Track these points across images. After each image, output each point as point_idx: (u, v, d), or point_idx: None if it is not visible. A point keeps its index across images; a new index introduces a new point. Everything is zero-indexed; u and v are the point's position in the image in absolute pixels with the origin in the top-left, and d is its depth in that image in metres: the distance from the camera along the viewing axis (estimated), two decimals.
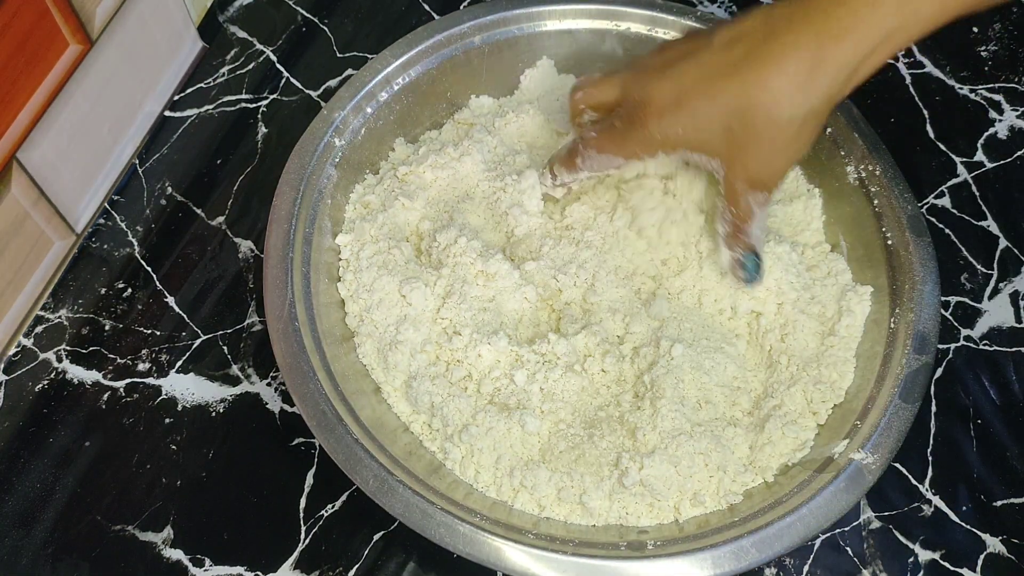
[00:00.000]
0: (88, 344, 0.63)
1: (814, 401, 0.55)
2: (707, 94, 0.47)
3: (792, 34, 0.45)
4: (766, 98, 0.46)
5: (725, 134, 0.48)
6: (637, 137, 0.51)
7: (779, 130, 0.47)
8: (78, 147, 0.63)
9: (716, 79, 0.47)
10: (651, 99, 0.49)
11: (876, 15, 0.44)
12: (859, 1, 0.44)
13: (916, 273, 0.56)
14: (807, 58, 0.45)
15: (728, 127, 0.48)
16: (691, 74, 0.48)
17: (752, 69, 0.46)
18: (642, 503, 0.52)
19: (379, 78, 0.63)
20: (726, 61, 0.47)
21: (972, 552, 0.57)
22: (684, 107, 0.48)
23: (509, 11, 0.65)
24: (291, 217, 0.58)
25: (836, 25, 0.44)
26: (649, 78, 0.50)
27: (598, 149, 0.54)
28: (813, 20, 0.45)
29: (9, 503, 0.57)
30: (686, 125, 0.49)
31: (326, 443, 0.51)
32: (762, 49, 0.46)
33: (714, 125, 0.48)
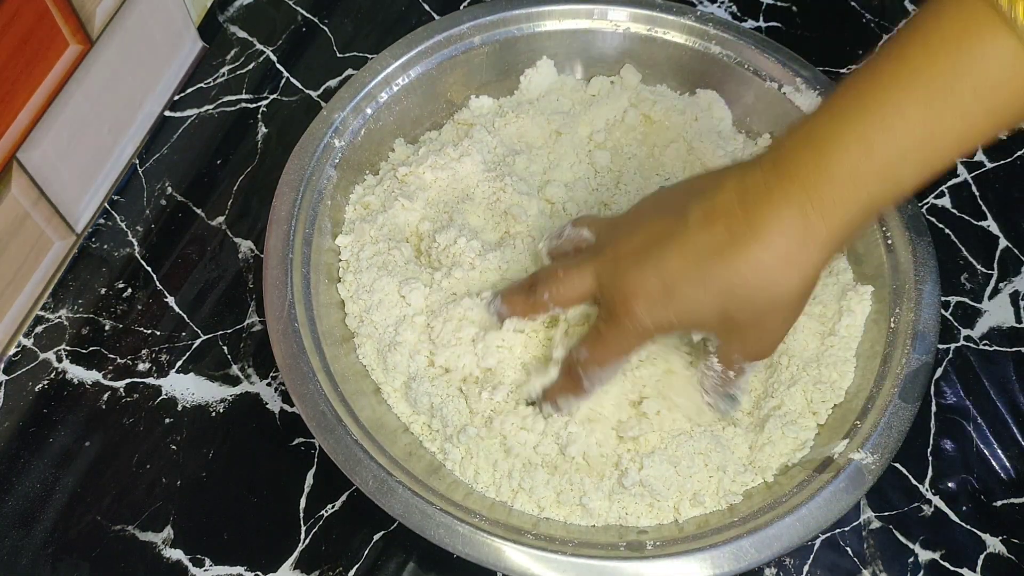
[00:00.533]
0: (88, 344, 0.63)
1: (814, 401, 0.55)
2: (697, 281, 0.44)
3: (774, 209, 0.42)
4: (760, 279, 0.43)
5: (720, 316, 0.45)
6: (629, 333, 0.47)
7: (776, 307, 0.45)
8: (78, 147, 0.63)
9: (703, 264, 0.44)
10: (635, 293, 0.46)
11: (859, 189, 0.42)
12: (841, 177, 0.41)
13: (916, 273, 0.56)
14: (795, 235, 0.42)
15: (723, 310, 0.45)
16: (673, 261, 0.45)
17: (740, 250, 0.43)
18: (642, 503, 0.52)
19: (379, 79, 0.63)
20: (709, 244, 0.44)
21: (972, 552, 0.57)
22: (674, 297, 0.45)
23: (509, 11, 0.65)
24: (291, 218, 0.58)
25: (820, 202, 0.42)
26: (626, 269, 0.46)
27: (600, 364, 0.50)
28: (792, 195, 0.42)
29: (9, 503, 0.57)
30: (679, 313, 0.45)
31: (326, 444, 0.51)
32: (745, 227, 0.43)
33: (708, 309, 0.45)
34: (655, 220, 0.47)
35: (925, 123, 0.40)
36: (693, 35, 0.66)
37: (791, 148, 0.43)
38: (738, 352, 0.49)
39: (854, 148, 0.41)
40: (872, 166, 0.41)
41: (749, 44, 0.65)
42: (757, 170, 0.44)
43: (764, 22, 0.78)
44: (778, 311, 0.45)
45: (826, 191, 0.41)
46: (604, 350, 0.49)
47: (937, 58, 0.40)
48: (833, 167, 0.41)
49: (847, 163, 0.41)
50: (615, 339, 0.48)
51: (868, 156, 0.41)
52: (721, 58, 0.66)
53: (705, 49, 0.66)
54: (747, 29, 0.66)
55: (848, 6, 0.80)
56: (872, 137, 0.41)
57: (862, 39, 0.78)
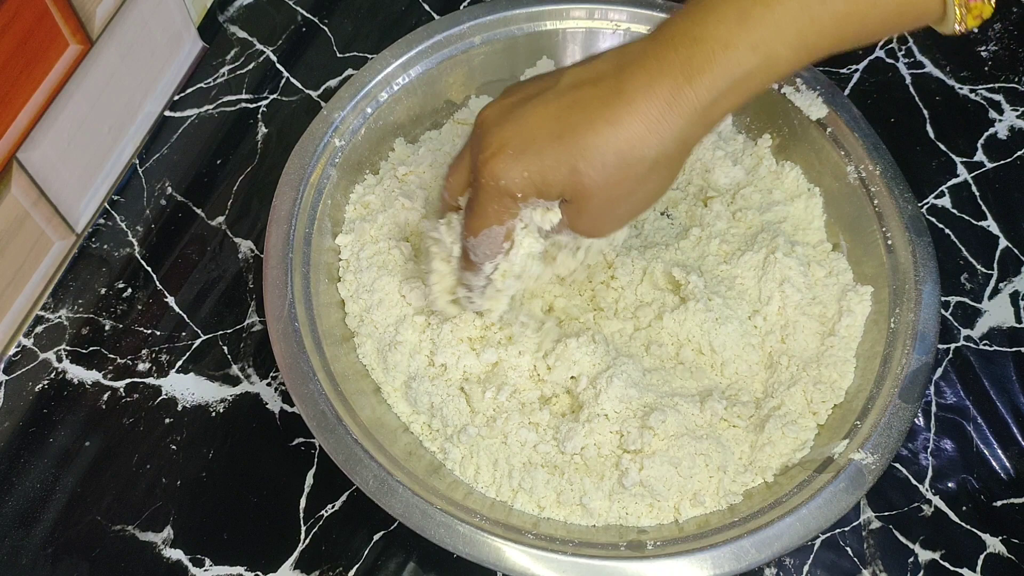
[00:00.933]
0: (88, 344, 0.63)
1: (814, 401, 0.55)
2: (553, 133, 0.43)
3: (645, 73, 0.42)
4: (617, 137, 0.42)
5: (570, 173, 0.44)
6: (490, 195, 0.45)
7: (628, 173, 0.44)
8: (78, 147, 0.63)
9: (563, 118, 0.43)
10: (492, 150, 0.44)
11: (731, 56, 0.41)
12: (713, 41, 0.41)
13: (916, 273, 0.56)
14: (660, 98, 0.42)
15: (574, 166, 0.43)
16: (536, 114, 0.44)
17: (603, 107, 0.43)
18: (642, 503, 0.52)
19: (379, 78, 0.63)
20: (574, 100, 0.43)
21: (972, 552, 0.57)
22: (528, 148, 0.44)
23: (509, 11, 0.65)
24: (291, 217, 0.58)
25: (689, 65, 0.42)
26: (488, 130, 0.45)
27: (471, 231, 0.48)
28: (665, 58, 0.42)
29: (9, 503, 0.57)
30: (531, 167, 0.44)
31: (326, 443, 0.51)
32: (612, 87, 0.43)
33: (561, 165, 0.43)
34: (529, 85, 0.47)
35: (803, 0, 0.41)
36: None
37: (672, 19, 0.44)
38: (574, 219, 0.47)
39: (730, 14, 0.41)
40: (746, 36, 0.41)
41: None
42: (639, 41, 0.44)
43: None
44: (629, 178, 0.44)
45: (697, 54, 0.41)
46: (473, 218, 0.48)
47: None
48: (707, 33, 0.41)
49: (721, 30, 0.41)
50: (480, 204, 0.47)
51: (742, 24, 0.41)
52: None
53: None
54: None
55: None
56: (748, 7, 0.41)
57: None
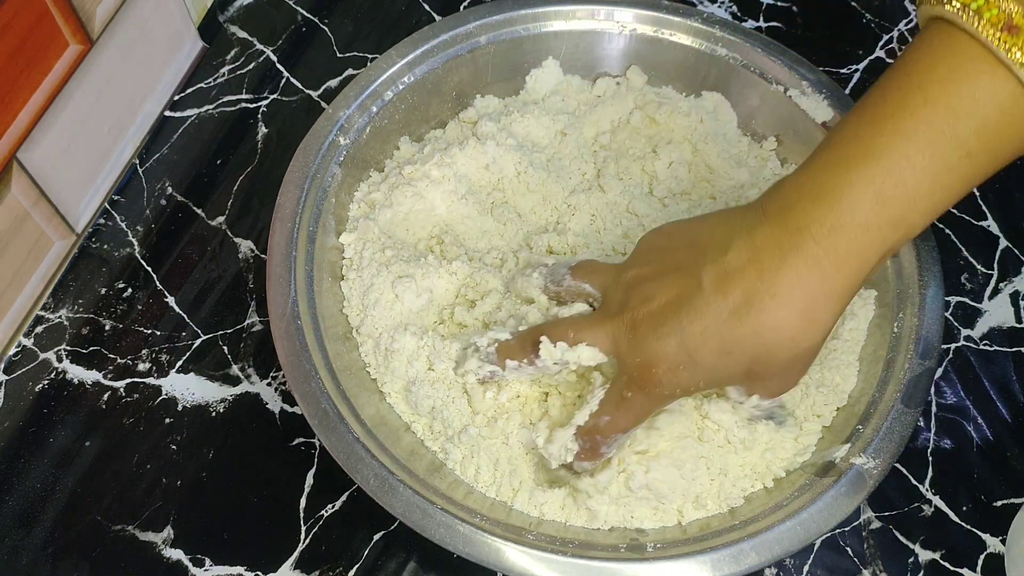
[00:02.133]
0: (88, 344, 0.62)
1: (816, 404, 0.55)
2: (719, 347, 0.44)
3: (790, 268, 0.42)
4: (782, 338, 0.43)
5: (745, 374, 0.46)
6: (654, 399, 0.47)
7: (799, 360, 0.45)
8: (78, 147, 0.63)
9: (724, 330, 0.44)
10: (658, 361, 0.45)
11: (875, 237, 0.42)
12: (854, 228, 0.41)
13: (920, 277, 0.56)
14: (813, 291, 0.42)
15: (748, 369, 0.45)
16: (694, 328, 0.44)
17: (760, 313, 0.43)
18: (647, 507, 0.52)
19: (384, 77, 0.63)
20: (727, 308, 0.43)
21: (972, 552, 0.57)
22: (699, 363, 0.45)
23: (515, 11, 0.65)
24: (295, 215, 0.57)
25: (835, 255, 0.42)
26: (645, 337, 0.46)
27: (623, 430, 0.49)
28: (809, 252, 0.42)
29: (9, 503, 0.57)
30: (706, 378, 0.46)
31: (327, 442, 0.51)
32: (761, 289, 0.43)
33: (733, 371, 0.45)
34: (666, 282, 0.46)
35: (932, 169, 0.40)
36: (699, 37, 0.66)
37: (798, 201, 0.43)
38: (760, 395, 0.49)
39: (865, 200, 0.41)
40: (885, 215, 0.41)
41: (755, 47, 0.65)
42: (765, 226, 0.43)
43: (764, 22, 0.78)
44: (801, 362, 0.46)
45: (841, 244, 0.41)
46: (628, 416, 0.48)
47: (937, 102, 0.40)
48: (846, 220, 0.41)
49: (860, 215, 0.41)
50: (639, 405, 0.48)
51: (881, 206, 0.41)
52: (727, 60, 0.66)
53: (711, 51, 0.66)
54: (753, 32, 0.66)
55: (848, 6, 0.80)
56: (882, 187, 0.41)
57: (862, 39, 0.78)
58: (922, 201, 0.41)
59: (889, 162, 0.41)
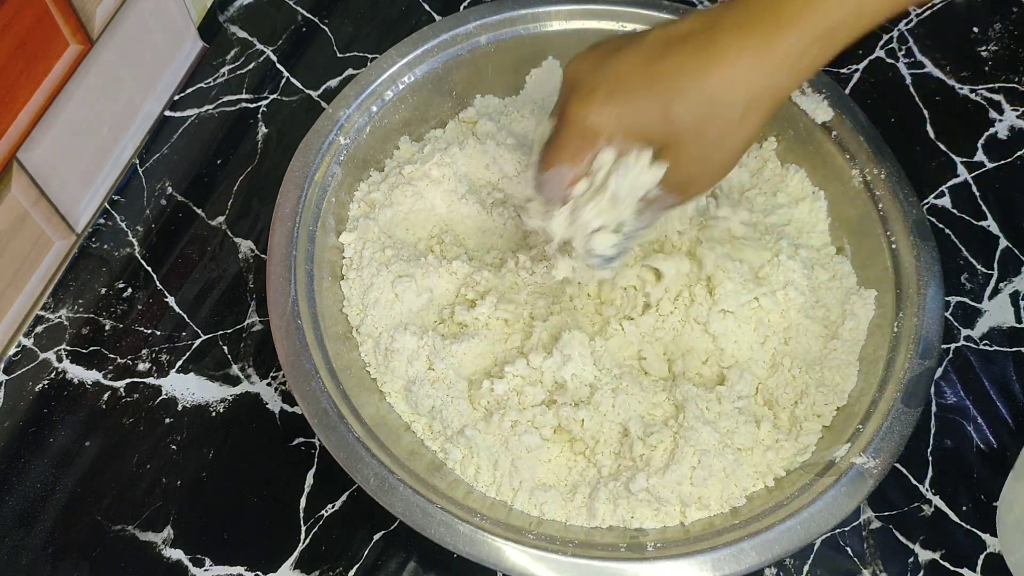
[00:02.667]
0: (88, 344, 0.62)
1: (817, 404, 0.55)
2: (646, 75, 0.45)
3: (735, 23, 0.44)
4: (708, 81, 0.44)
5: (663, 119, 0.45)
6: (576, 133, 0.47)
7: (720, 115, 0.45)
8: (78, 147, 0.63)
9: (655, 65, 0.45)
10: (583, 85, 0.46)
11: (819, 7, 0.43)
12: None
13: (920, 277, 0.56)
14: (750, 45, 0.44)
15: (666, 112, 0.45)
16: (626, 61, 0.46)
17: (695, 53, 0.45)
18: (648, 508, 0.52)
19: (384, 76, 0.63)
20: (666, 49, 0.45)
21: (972, 552, 0.57)
22: (620, 90, 0.45)
23: (515, 11, 0.65)
24: (295, 215, 0.58)
25: (778, 15, 0.43)
26: (582, 77, 0.47)
27: (545, 164, 0.49)
28: (754, 10, 0.44)
29: (9, 503, 0.57)
30: (622, 110, 0.46)
31: (327, 441, 0.51)
32: (704, 38, 0.45)
33: (653, 107, 0.45)
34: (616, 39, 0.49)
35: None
36: None
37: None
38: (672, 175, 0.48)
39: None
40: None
41: None
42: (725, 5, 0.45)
43: None
44: (720, 122, 0.45)
45: (786, 8, 0.43)
46: (555, 152, 0.49)
47: None
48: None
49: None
50: (562, 139, 0.48)
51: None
52: None
53: None
54: None
55: None
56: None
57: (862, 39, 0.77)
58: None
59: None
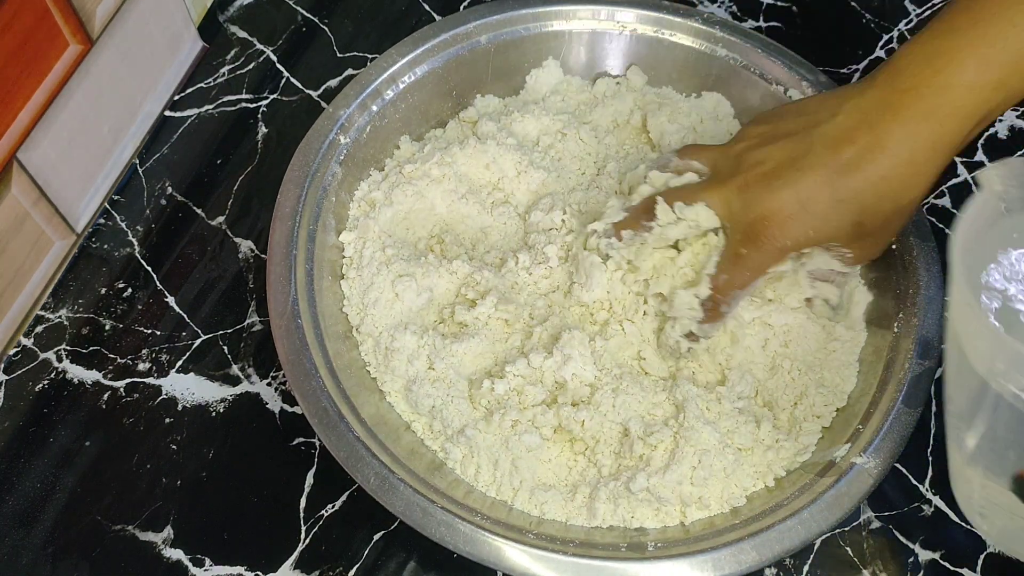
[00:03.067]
0: (88, 344, 0.62)
1: (816, 405, 0.55)
2: (833, 198, 0.47)
3: (899, 124, 0.46)
4: (891, 189, 0.46)
5: (854, 228, 0.49)
6: (767, 253, 0.50)
7: (903, 212, 0.48)
8: (78, 147, 0.63)
9: (837, 181, 0.47)
10: (772, 214, 0.49)
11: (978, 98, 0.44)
12: (959, 88, 0.44)
13: (920, 278, 0.56)
14: (920, 145, 0.45)
15: (857, 220, 0.48)
16: (807, 181, 0.48)
17: (871, 165, 0.46)
18: (648, 508, 0.52)
19: (385, 76, 0.63)
20: (841, 162, 0.47)
21: (972, 552, 0.57)
22: (811, 213, 0.48)
23: (515, 11, 0.65)
24: (295, 214, 0.58)
25: (940, 112, 0.45)
26: (760, 194, 0.49)
27: (741, 286, 0.52)
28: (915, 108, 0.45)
29: (9, 503, 0.57)
30: (817, 229, 0.49)
31: (327, 440, 0.51)
32: (873, 143, 0.46)
33: (843, 222, 0.48)
34: (777, 147, 0.49)
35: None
36: (700, 37, 0.66)
37: (907, 65, 0.46)
38: (855, 254, 0.51)
39: (970, 62, 0.43)
40: (989, 77, 0.43)
41: (755, 47, 0.65)
42: (874, 90, 0.47)
43: (764, 22, 0.78)
44: (903, 215, 0.49)
45: (946, 101, 0.44)
46: (744, 272, 0.51)
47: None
48: (953, 80, 0.44)
49: (965, 76, 0.44)
50: (755, 260, 0.50)
51: (985, 68, 0.43)
52: (727, 61, 0.66)
53: (711, 52, 0.66)
54: (754, 32, 0.66)
55: (848, 6, 0.80)
56: (988, 50, 0.43)
57: (862, 39, 0.78)
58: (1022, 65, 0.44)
59: (996, 27, 0.43)
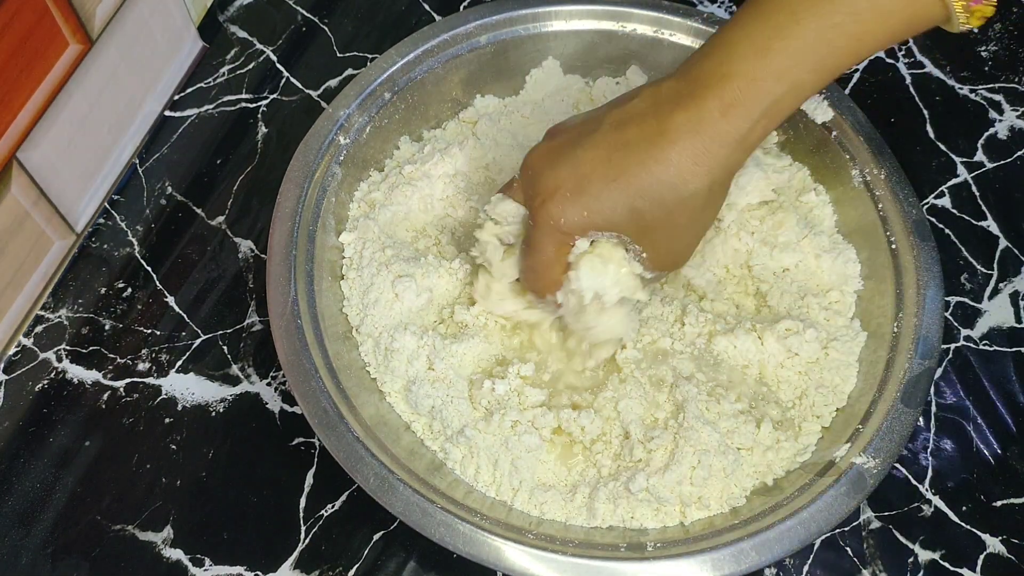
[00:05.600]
0: (88, 344, 0.62)
1: (816, 405, 0.55)
2: (608, 176, 0.46)
3: (683, 111, 0.45)
4: (669, 175, 0.45)
5: (632, 214, 0.47)
6: (547, 232, 0.48)
7: (685, 206, 0.46)
8: (78, 147, 0.63)
9: (614, 160, 0.46)
10: (548, 190, 0.47)
11: (759, 88, 0.44)
12: (740, 77, 0.44)
13: (920, 278, 0.56)
14: (702, 133, 0.45)
15: (633, 206, 0.46)
16: (586, 157, 0.47)
17: (650, 147, 0.45)
18: (648, 508, 0.52)
19: (384, 76, 0.63)
20: (621, 141, 0.46)
21: (972, 552, 0.57)
22: (585, 190, 0.47)
23: (515, 11, 0.65)
24: (295, 215, 0.58)
25: (722, 100, 0.45)
26: (541, 170, 0.48)
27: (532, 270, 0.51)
28: (699, 96, 0.45)
29: (9, 503, 0.57)
30: (590, 208, 0.47)
31: (327, 441, 0.51)
32: (655, 127, 0.46)
33: (618, 205, 0.47)
34: (569, 127, 0.50)
35: (818, 28, 0.43)
36: (699, 37, 0.66)
37: (698, 58, 0.47)
38: (650, 258, 0.49)
39: (751, 52, 0.44)
40: (769, 68, 0.44)
41: None
42: (670, 80, 0.47)
43: None
44: (686, 210, 0.47)
45: (727, 91, 0.44)
46: (532, 256, 0.51)
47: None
48: (733, 70, 0.44)
49: (745, 66, 0.44)
50: (538, 242, 0.49)
51: (764, 58, 0.44)
52: None
53: None
54: None
55: None
56: (767, 42, 0.44)
57: None
58: (807, 58, 0.44)
59: (776, 20, 0.44)
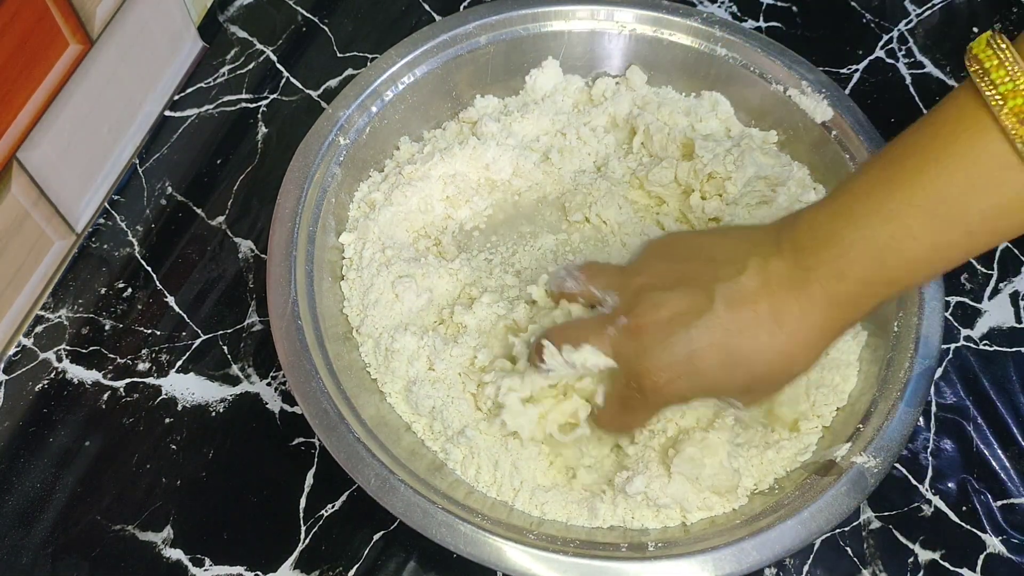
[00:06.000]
0: (88, 344, 0.62)
1: (817, 404, 0.55)
2: (725, 362, 0.46)
3: (798, 304, 0.45)
4: (783, 363, 0.46)
5: (744, 392, 0.48)
6: (652, 404, 0.50)
7: (791, 381, 0.48)
8: (78, 147, 0.63)
9: (731, 348, 0.46)
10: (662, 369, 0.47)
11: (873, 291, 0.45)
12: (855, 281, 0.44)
13: None
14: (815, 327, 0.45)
15: (746, 385, 0.48)
16: (701, 341, 0.46)
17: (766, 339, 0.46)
18: (649, 508, 0.52)
19: (384, 77, 0.63)
20: (736, 328, 0.46)
21: (972, 552, 0.57)
22: (701, 374, 0.47)
23: (515, 11, 0.65)
24: (295, 215, 0.58)
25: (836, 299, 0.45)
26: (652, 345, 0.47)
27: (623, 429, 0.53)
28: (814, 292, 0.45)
29: (9, 503, 0.57)
30: (706, 389, 0.48)
31: (328, 442, 0.51)
32: (770, 317, 0.46)
33: (732, 386, 0.48)
34: (676, 294, 0.48)
35: (934, 243, 0.43)
36: (699, 37, 0.66)
37: (810, 243, 0.45)
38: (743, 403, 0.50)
39: (868, 259, 0.44)
40: (884, 276, 0.44)
41: (755, 47, 0.65)
42: (779, 259, 0.46)
43: (764, 22, 0.78)
44: (792, 379, 0.49)
45: (842, 291, 0.45)
46: (629, 417, 0.51)
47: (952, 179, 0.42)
48: (848, 272, 0.44)
49: (862, 271, 0.44)
50: (641, 408, 0.50)
51: (881, 267, 0.44)
52: (727, 60, 0.66)
53: (711, 51, 0.66)
54: (753, 32, 0.66)
55: (848, 6, 0.80)
56: (885, 253, 0.43)
57: (862, 39, 0.78)
58: (920, 268, 0.44)
59: (895, 229, 0.43)
